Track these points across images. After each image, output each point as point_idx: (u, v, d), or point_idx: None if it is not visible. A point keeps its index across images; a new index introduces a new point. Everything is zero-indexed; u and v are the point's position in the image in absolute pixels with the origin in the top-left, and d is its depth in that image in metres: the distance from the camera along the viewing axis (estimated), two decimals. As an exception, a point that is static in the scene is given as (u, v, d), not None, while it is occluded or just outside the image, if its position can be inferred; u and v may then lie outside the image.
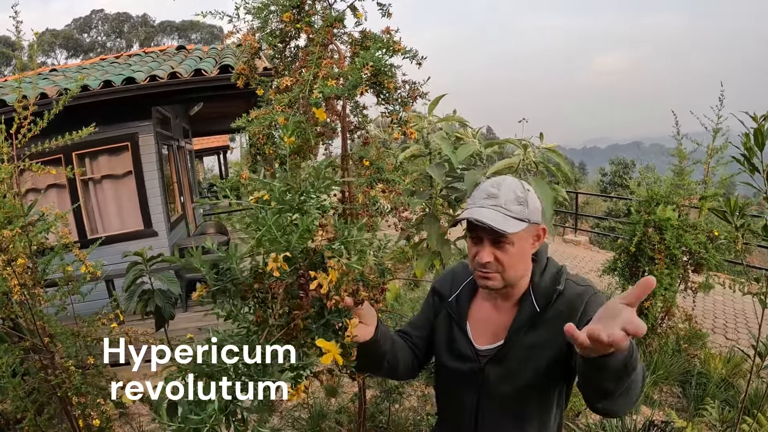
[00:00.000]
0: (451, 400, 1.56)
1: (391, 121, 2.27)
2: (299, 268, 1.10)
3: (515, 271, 1.37)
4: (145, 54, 8.34)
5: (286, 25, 2.34)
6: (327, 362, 1.08)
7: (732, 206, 2.56)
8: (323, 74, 2.03)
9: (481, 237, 1.35)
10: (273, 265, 1.03)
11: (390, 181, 2.34)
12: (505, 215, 1.31)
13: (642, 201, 4.66)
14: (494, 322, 1.46)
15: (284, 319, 1.12)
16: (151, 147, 7.01)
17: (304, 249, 1.10)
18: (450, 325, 1.54)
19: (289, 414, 3.82)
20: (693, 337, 4.90)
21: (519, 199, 1.35)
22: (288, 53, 2.47)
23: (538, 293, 1.40)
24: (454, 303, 1.55)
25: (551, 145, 3.79)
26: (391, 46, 2.17)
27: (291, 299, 1.13)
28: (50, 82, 6.48)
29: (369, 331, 1.30)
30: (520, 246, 1.35)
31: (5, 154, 2.33)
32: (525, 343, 1.38)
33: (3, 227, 2.20)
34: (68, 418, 2.52)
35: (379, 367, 1.45)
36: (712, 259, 4.42)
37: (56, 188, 6.86)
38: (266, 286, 1.12)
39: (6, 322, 2.51)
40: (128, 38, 59.41)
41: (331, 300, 1.10)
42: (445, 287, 1.61)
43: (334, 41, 2.32)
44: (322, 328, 1.13)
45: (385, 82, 2.14)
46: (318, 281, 1.06)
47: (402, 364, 1.51)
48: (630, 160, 19.13)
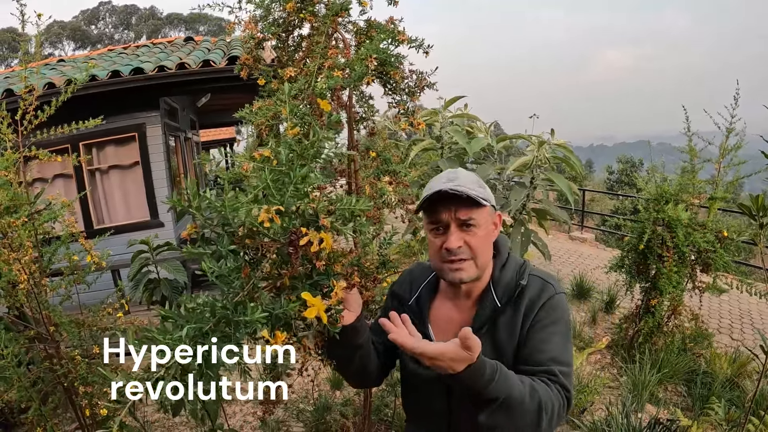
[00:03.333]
0: (421, 406, 1.50)
1: (398, 112, 2.25)
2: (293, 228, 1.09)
3: (485, 256, 1.35)
4: (153, 45, 8.32)
5: (289, 15, 2.31)
6: (311, 316, 1.07)
7: (758, 204, 2.53)
8: (329, 65, 2.00)
9: (447, 224, 1.31)
10: (264, 216, 1.03)
11: (397, 173, 2.32)
12: (471, 191, 1.28)
13: (651, 199, 4.62)
14: (456, 322, 1.40)
15: (272, 277, 1.12)
16: (159, 138, 7.02)
17: (299, 209, 1.10)
18: None
19: (293, 406, 3.82)
20: (699, 337, 4.87)
21: (478, 182, 1.35)
22: (291, 43, 2.44)
23: (499, 288, 1.37)
24: (414, 305, 1.49)
25: (562, 141, 3.78)
26: (396, 36, 2.15)
27: (282, 262, 1.12)
28: (58, 72, 6.48)
29: (351, 317, 1.29)
30: (486, 229, 1.33)
31: (9, 141, 2.32)
32: (487, 341, 1.32)
33: (9, 215, 2.20)
34: (73, 408, 2.52)
35: (351, 360, 1.39)
36: (720, 259, 4.38)
37: (63, 178, 6.87)
38: (257, 244, 1.11)
39: (11, 311, 2.51)
40: (136, 30, 59.40)
41: (321, 261, 1.10)
42: (404, 290, 1.55)
43: (338, 30, 2.30)
44: (308, 287, 1.13)
45: (392, 72, 2.12)
46: (308, 237, 1.06)
47: (372, 364, 1.45)
48: (637, 158, 19.02)
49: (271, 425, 3.64)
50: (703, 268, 4.58)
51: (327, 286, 1.16)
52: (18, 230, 2.19)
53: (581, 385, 3.94)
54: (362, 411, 3.20)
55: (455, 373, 1.09)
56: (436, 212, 1.32)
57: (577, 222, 12.24)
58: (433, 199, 1.30)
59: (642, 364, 4.24)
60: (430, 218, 1.34)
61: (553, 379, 1.22)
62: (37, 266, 2.32)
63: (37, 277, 2.29)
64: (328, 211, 1.14)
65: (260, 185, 1.09)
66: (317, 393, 4.00)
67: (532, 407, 1.14)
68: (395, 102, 2.26)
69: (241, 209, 1.08)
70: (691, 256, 4.47)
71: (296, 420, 3.74)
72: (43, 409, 2.36)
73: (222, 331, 1.03)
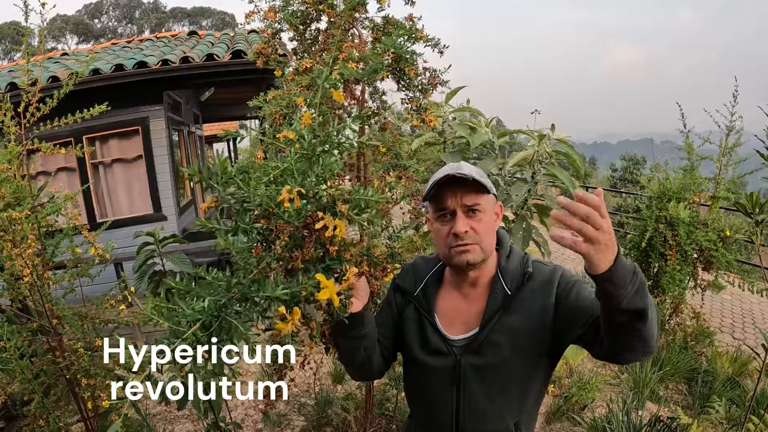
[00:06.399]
0: (428, 398, 1.51)
1: (411, 108, 2.27)
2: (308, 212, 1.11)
3: (490, 241, 1.39)
4: (157, 39, 8.31)
5: (308, 7, 2.34)
6: (323, 298, 1.08)
7: (753, 202, 2.53)
8: (344, 57, 2.02)
9: (453, 211, 1.35)
10: (286, 196, 1.04)
11: (406, 168, 2.33)
12: (476, 176, 1.33)
13: (653, 197, 4.62)
14: (464, 312, 1.44)
15: (285, 258, 1.13)
16: (162, 131, 7.02)
17: (317, 194, 1.11)
18: (419, 320, 1.49)
19: (295, 400, 3.83)
20: (700, 335, 4.88)
21: (480, 173, 1.37)
22: (308, 35, 2.47)
23: (507, 276, 1.40)
24: (420, 296, 1.51)
25: (563, 136, 3.77)
26: (414, 33, 2.17)
27: (294, 245, 1.13)
28: (61, 66, 6.48)
29: (359, 305, 1.32)
30: (489, 216, 1.38)
31: (12, 134, 2.32)
32: (501, 328, 1.36)
33: (11, 208, 2.20)
34: (75, 400, 2.53)
35: (357, 350, 1.41)
36: (722, 257, 4.38)
37: (66, 171, 6.88)
38: (273, 224, 1.12)
39: (14, 304, 2.52)
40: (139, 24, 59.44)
41: (334, 246, 1.11)
42: (408, 282, 1.56)
43: (355, 25, 2.32)
44: (321, 270, 1.14)
45: (406, 68, 2.13)
46: (324, 222, 1.07)
47: (376, 356, 1.48)
48: (641, 156, 18.95)
49: (273, 419, 3.65)
50: (704, 266, 4.58)
51: (338, 272, 1.18)
52: (21, 223, 2.20)
53: (582, 382, 3.95)
54: (364, 405, 3.21)
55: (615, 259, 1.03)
56: (443, 199, 1.35)
57: (579, 219, 12.21)
58: (441, 184, 1.34)
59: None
60: (437, 206, 1.38)
61: None
62: (39, 259, 2.33)
63: (40, 269, 2.29)
64: (344, 199, 1.15)
65: (281, 166, 1.10)
66: (319, 387, 4.01)
67: (654, 310, 1.12)
68: (408, 98, 2.29)
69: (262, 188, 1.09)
70: (693, 254, 4.47)
71: (298, 414, 3.75)
72: (45, 402, 2.37)
73: (236, 309, 1.04)
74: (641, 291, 1.06)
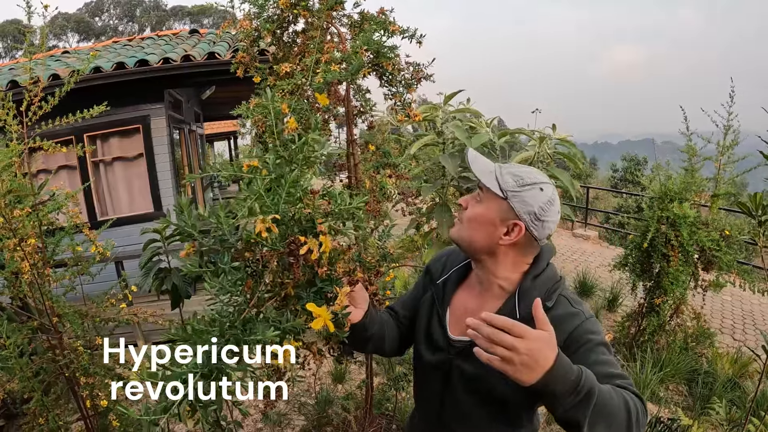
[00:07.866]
0: (423, 392, 1.53)
1: (394, 104, 2.26)
2: (291, 236, 1.09)
3: (470, 230, 1.33)
4: (158, 37, 8.30)
5: (283, 11, 2.31)
6: (317, 327, 1.07)
7: (756, 203, 2.52)
8: (326, 59, 2.00)
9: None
10: (261, 227, 1.03)
11: (396, 166, 2.32)
12: (492, 173, 1.31)
13: (655, 197, 4.61)
14: (470, 311, 1.38)
15: (276, 288, 1.12)
16: (163, 130, 7.00)
17: (294, 215, 1.10)
18: (431, 310, 1.49)
19: (295, 400, 3.83)
20: (701, 336, 4.87)
21: (517, 179, 1.29)
22: (287, 39, 2.44)
23: (524, 300, 1.30)
24: (440, 287, 1.49)
25: (564, 135, 3.77)
26: (387, 26, 2.14)
27: (283, 270, 1.12)
28: (62, 64, 6.47)
29: (358, 314, 1.32)
30: (486, 212, 1.31)
31: (14, 133, 2.32)
32: None
33: (13, 206, 2.20)
34: (75, 398, 2.53)
35: (363, 348, 1.45)
36: (724, 257, 4.37)
37: (67, 169, 6.86)
38: (258, 255, 1.11)
39: (15, 302, 2.52)
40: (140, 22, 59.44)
41: (322, 267, 1.10)
42: (438, 268, 1.55)
43: (334, 24, 2.30)
44: (313, 296, 1.13)
45: (384, 63, 2.12)
46: (308, 246, 1.06)
47: (388, 344, 1.50)
48: (642, 156, 18.94)
49: (273, 418, 3.66)
50: (705, 266, 4.57)
51: (331, 292, 1.16)
52: (22, 221, 2.20)
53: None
54: (364, 404, 3.21)
55: (551, 366, 0.98)
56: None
57: (580, 219, 12.21)
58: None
59: (644, 362, 4.24)
60: None
61: (621, 384, 1.13)
62: (40, 257, 2.32)
63: (40, 267, 2.29)
64: (325, 213, 1.13)
65: (252, 197, 1.08)
66: (319, 386, 4.01)
67: (621, 404, 1.05)
68: (391, 94, 2.26)
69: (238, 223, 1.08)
70: (694, 254, 4.46)
71: (298, 413, 3.75)
72: (45, 400, 2.37)
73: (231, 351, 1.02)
74: (584, 405, 0.99)
